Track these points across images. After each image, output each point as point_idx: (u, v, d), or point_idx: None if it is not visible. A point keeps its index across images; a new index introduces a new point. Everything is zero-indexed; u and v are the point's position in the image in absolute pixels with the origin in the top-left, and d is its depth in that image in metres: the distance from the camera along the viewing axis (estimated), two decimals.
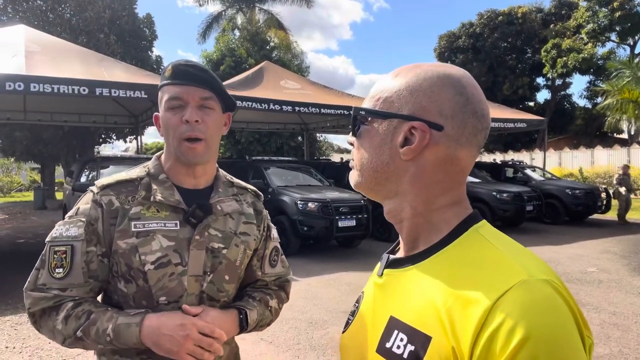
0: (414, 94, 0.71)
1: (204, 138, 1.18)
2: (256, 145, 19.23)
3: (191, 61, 1.22)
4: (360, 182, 0.78)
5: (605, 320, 4.74)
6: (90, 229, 1.15)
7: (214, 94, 1.21)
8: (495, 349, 0.55)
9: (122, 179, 1.22)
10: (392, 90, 0.73)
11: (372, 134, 0.74)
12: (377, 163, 0.74)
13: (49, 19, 18.37)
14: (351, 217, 8.04)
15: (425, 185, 0.72)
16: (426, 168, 0.71)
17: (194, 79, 1.18)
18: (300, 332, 4.49)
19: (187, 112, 1.16)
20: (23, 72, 6.78)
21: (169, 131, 1.19)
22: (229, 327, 1.21)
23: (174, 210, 1.19)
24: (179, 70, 1.18)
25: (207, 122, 1.19)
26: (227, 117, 1.30)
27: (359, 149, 0.77)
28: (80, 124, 12.30)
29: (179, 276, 1.16)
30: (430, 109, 0.69)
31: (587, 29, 26.74)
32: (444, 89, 0.70)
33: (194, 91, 1.17)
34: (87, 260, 1.13)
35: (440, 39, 33.60)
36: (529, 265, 0.62)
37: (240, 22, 25.70)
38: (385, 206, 0.78)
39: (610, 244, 9.03)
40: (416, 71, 0.73)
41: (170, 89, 1.18)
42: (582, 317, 0.60)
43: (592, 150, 23.54)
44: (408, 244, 0.75)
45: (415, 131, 0.69)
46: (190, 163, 1.21)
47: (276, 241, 1.43)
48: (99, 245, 1.15)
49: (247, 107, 8.95)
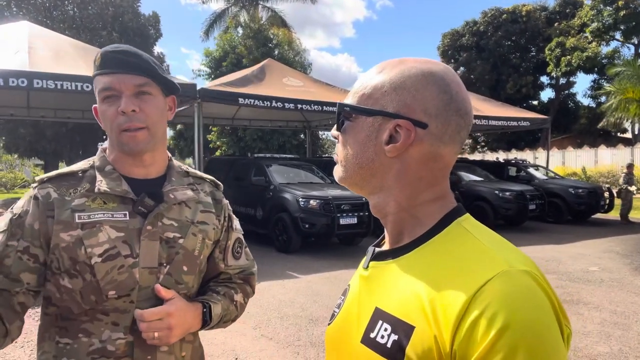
0: (399, 92, 0.71)
1: (145, 126, 1.12)
2: (259, 143, 19.26)
3: (121, 46, 1.14)
4: (344, 177, 0.79)
5: (606, 319, 4.73)
6: (17, 222, 1.08)
7: (150, 78, 1.13)
8: (475, 338, 0.56)
9: (63, 172, 1.16)
10: (376, 86, 0.74)
11: (356, 130, 0.75)
12: (361, 159, 0.75)
13: (52, 16, 18.43)
14: (353, 215, 8.05)
15: (409, 182, 0.73)
16: (410, 165, 0.72)
17: (125, 65, 1.10)
18: (301, 328, 4.51)
19: (122, 102, 1.10)
20: (26, 68, 6.80)
21: (106, 123, 1.13)
22: (191, 321, 1.15)
23: (122, 201, 1.13)
24: (108, 58, 1.11)
25: (145, 109, 1.12)
26: (172, 101, 1.23)
27: (344, 145, 0.77)
28: (84, 120, 12.32)
29: (129, 268, 1.09)
30: (415, 107, 0.70)
31: (592, 27, 26.62)
32: (428, 87, 0.71)
33: (126, 79, 1.10)
34: (3, 254, 1.05)
35: (443, 37, 33.52)
36: (509, 256, 0.64)
37: (243, 19, 25.70)
38: (371, 201, 0.79)
39: (613, 244, 9.01)
40: (401, 68, 0.73)
41: (101, 80, 1.12)
42: (560, 308, 0.62)
43: (596, 149, 23.46)
44: (393, 237, 0.76)
45: (400, 129, 0.70)
46: (134, 152, 1.14)
47: (239, 232, 1.37)
48: (22, 241, 1.07)
49: (249, 104, 8.95)
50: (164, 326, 1.08)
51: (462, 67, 32.34)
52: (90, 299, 1.08)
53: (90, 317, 1.08)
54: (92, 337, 1.08)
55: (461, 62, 32.26)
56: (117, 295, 1.08)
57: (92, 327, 1.08)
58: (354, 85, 0.79)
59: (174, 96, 1.24)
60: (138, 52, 1.14)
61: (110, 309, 1.09)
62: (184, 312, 1.13)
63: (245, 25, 23.98)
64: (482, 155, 28.00)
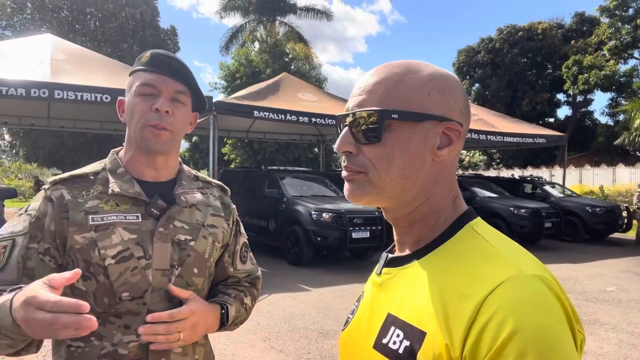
0: (442, 94, 0.71)
1: (170, 129, 1.15)
2: (277, 156, 19.40)
3: (171, 53, 1.19)
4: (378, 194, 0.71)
5: (624, 340, 4.61)
6: (37, 224, 1.08)
7: (189, 89, 1.18)
8: (484, 342, 0.56)
9: (75, 174, 1.17)
10: (418, 89, 0.70)
11: (402, 139, 0.69)
12: (409, 170, 0.70)
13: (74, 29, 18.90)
14: (365, 229, 8.02)
15: (442, 184, 0.73)
16: (448, 167, 0.73)
17: (171, 70, 1.15)
18: (311, 341, 4.48)
19: (158, 101, 1.12)
20: (48, 79, 6.97)
21: (134, 116, 1.14)
22: (211, 322, 1.16)
23: (135, 203, 1.14)
24: (159, 58, 1.15)
25: (176, 115, 1.15)
26: (194, 117, 1.26)
27: (384, 157, 0.69)
28: (102, 131, 12.51)
29: (142, 270, 1.09)
30: (456, 108, 0.72)
31: (609, 45, 26.40)
32: (459, 89, 0.73)
33: (169, 82, 1.14)
34: (26, 256, 1.05)
35: (459, 54, 33.51)
36: (521, 261, 0.63)
37: (260, 34, 26.08)
38: (399, 210, 0.74)
39: (631, 264, 8.81)
40: (429, 70, 0.72)
41: (144, 75, 1.14)
42: (574, 312, 0.61)
43: (614, 168, 23.07)
44: (410, 243, 0.76)
45: (450, 132, 0.71)
46: (151, 150, 1.15)
47: (245, 237, 1.38)
48: (43, 242, 1.08)
49: (263, 117, 9.03)
50: (188, 326, 1.09)
51: (477, 83, 32.26)
52: (104, 302, 1.08)
53: (102, 320, 1.07)
54: (103, 341, 1.08)
55: (476, 78, 32.18)
56: (130, 297, 1.09)
57: (104, 331, 1.08)
58: (367, 91, 0.72)
59: (197, 114, 1.27)
60: (185, 63, 1.18)
61: (122, 312, 1.08)
62: (206, 312, 1.14)
63: (262, 40, 24.33)
64: (497, 172, 27.71)
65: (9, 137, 21.14)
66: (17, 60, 7.50)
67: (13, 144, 21.71)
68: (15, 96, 6.56)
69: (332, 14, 27.53)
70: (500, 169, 29.48)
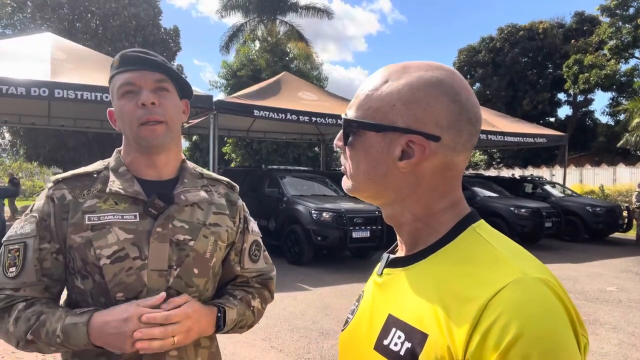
0: (409, 106, 0.68)
1: (163, 120, 1.13)
2: (276, 156, 19.37)
3: (140, 49, 1.18)
4: (355, 190, 0.77)
5: (624, 340, 4.61)
6: (43, 225, 1.10)
7: (168, 77, 1.16)
8: (488, 346, 0.55)
9: (78, 172, 1.17)
10: (384, 99, 0.70)
11: (366, 146, 0.72)
12: (373, 175, 0.72)
13: (75, 28, 18.89)
14: (365, 228, 8.01)
15: (424, 193, 0.72)
16: (424, 177, 0.71)
17: (144, 62, 1.13)
18: (311, 341, 4.48)
19: (141, 96, 1.11)
20: (48, 78, 6.97)
21: (124, 119, 1.13)
22: (205, 325, 1.13)
23: (134, 202, 1.13)
24: (128, 57, 1.14)
25: (164, 104, 1.13)
26: (185, 104, 1.24)
27: (352, 159, 0.75)
28: (103, 130, 12.53)
29: (137, 271, 1.08)
30: (427, 121, 0.68)
31: (610, 45, 26.36)
32: (439, 99, 0.68)
33: (146, 75, 1.12)
34: (40, 257, 1.08)
35: (460, 53, 33.50)
36: (524, 264, 0.63)
37: (260, 33, 26.06)
38: (384, 211, 0.78)
39: (631, 264, 8.80)
40: (407, 79, 0.70)
41: (120, 77, 1.13)
42: (577, 316, 0.60)
43: (615, 167, 23.05)
44: (408, 245, 0.76)
45: (413, 144, 0.68)
46: (151, 147, 1.14)
47: (257, 235, 1.35)
48: (53, 242, 1.10)
49: (264, 116, 9.03)
50: (184, 329, 1.06)
51: (478, 83, 32.22)
52: (100, 301, 1.08)
53: None
54: None
55: (477, 78, 32.16)
56: (125, 297, 1.08)
57: None
58: (357, 95, 0.75)
59: (187, 101, 1.25)
60: (155, 53, 1.17)
61: None
62: (201, 315, 1.12)
63: (262, 39, 24.31)
64: (498, 171, 27.68)
65: (10, 136, 21.16)
66: (17, 59, 7.50)
67: (13, 143, 21.72)
68: (16, 95, 6.57)
69: (332, 13, 27.57)
70: (500, 169, 29.46)
